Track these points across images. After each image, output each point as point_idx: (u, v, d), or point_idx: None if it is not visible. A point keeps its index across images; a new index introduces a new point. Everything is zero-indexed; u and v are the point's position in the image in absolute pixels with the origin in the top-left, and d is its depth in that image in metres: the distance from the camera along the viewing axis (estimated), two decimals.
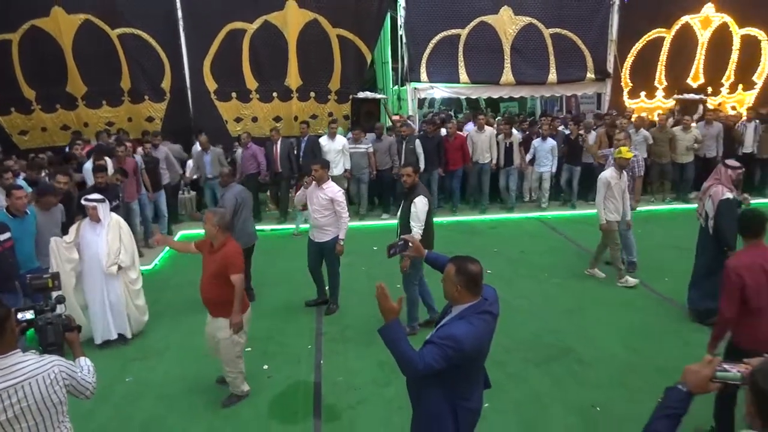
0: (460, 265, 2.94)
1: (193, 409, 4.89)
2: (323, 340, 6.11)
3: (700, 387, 2.13)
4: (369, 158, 10.90)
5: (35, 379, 2.60)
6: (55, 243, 5.95)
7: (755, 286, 3.82)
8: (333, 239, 6.54)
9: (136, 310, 6.35)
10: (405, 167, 6.09)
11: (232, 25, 12.77)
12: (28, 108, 12.53)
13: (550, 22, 13.77)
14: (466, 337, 2.79)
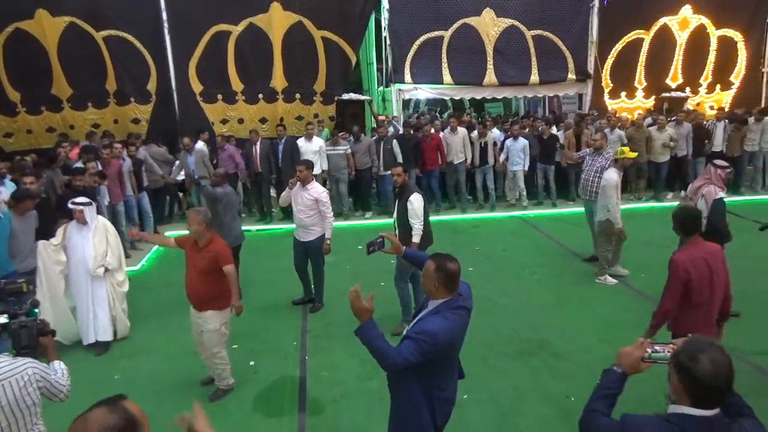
0: (440, 263, 3.07)
1: (181, 404, 4.96)
2: (308, 337, 6.25)
3: (632, 368, 2.31)
4: (348, 159, 11.06)
5: (8, 381, 2.65)
6: (42, 246, 5.98)
7: (699, 280, 4.00)
8: (318, 238, 6.68)
9: (122, 313, 6.38)
10: (395, 167, 6.25)
11: (217, 27, 12.88)
12: (13, 110, 12.52)
13: (532, 23, 14.02)
14: (441, 331, 2.93)
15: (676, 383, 2.03)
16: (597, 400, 2.31)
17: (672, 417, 2.04)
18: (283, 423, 4.70)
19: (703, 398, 1.99)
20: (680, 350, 2.06)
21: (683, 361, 2.01)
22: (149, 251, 9.35)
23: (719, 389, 1.98)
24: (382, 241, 4.00)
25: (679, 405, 2.03)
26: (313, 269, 6.95)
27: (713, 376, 1.95)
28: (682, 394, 2.01)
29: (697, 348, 2.01)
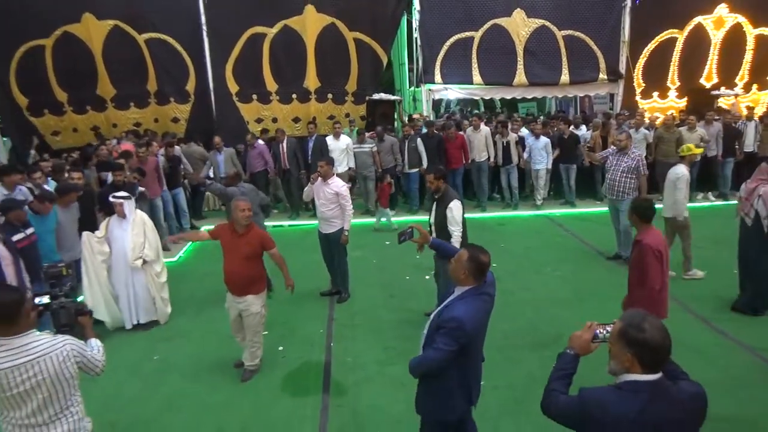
0: (473, 253, 3.28)
1: (214, 384, 5.36)
2: (334, 325, 6.55)
3: (583, 349, 2.53)
4: (374, 157, 11.33)
5: (49, 356, 2.84)
6: (87, 237, 6.38)
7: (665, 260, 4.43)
8: (339, 230, 6.96)
9: (162, 302, 6.73)
10: (427, 174, 6.31)
11: (253, 30, 13.29)
12: (60, 110, 13.21)
13: (563, 23, 14.05)
14: (467, 315, 3.15)
15: (628, 357, 2.23)
16: (555, 380, 2.51)
17: (623, 385, 2.25)
18: (308, 402, 5.00)
19: (654, 361, 2.21)
20: (624, 326, 2.26)
21: (633, 334, 2.22)
22: (187, 244, 9.79)
23: (666, 349, 2.22)
24: (411, 231, 4.27)
25: (628, 374, 2.24)
26: (337, 261, 7.23)
27: (661, 338, 2.19)
28: (634, 364, 2.22)
29: (639, 319, 2.24)
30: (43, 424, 2.89)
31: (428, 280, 7.65)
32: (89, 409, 3.05)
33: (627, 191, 7.88)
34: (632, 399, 2.20)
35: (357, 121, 13.55)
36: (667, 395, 2.22)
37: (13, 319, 2.79)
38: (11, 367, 2.76)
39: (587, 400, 2.28)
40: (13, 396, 2.80)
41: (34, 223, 6.04)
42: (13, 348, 2.79)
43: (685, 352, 5.59)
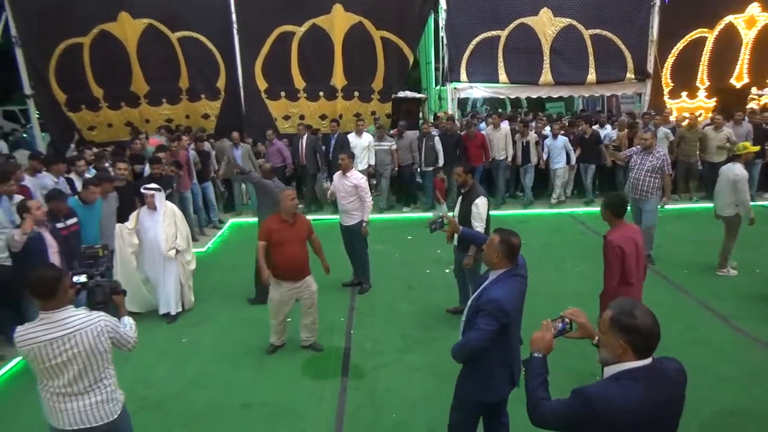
0: (504, 236, 3.43)
1: (238, 365, 5.61)
2: (355, 314, 6.76)
3: (548, 348, 2.57)
4: (392, 155, 11.48)
5: (84, 330, 3.02)
6: (119, 229, 6.62)
7: (630, 255, 4.56)
8: (358, 223, 7.15)
9: (189, 290, 6.96)
10: (456, 167, 6.35)
11: (282, 29, 13.57)
12: (96, 106, 13.68)
13: (590, 23, 14.00)
14: (504, 296, 3.31)
15: (621, 344, 2.24)
16: (536, 389, 2.49)
17: (620, 375, 2.25)
18: (327, 385, 5.22)
19: (647, 347, 2.24)
20: (616, 314, 2.28)
21: (626, 321, 2.24)
22: (214, 236, 10.11)
23: (657, 334, 2.25)
24: (442, 221, 4.41)
25: (620, 363, 2.26)
26: (357, 252, 7.42)
27: (652, 323, 2.24)
28: (627, 351, 2.24)
29: (629, 307, 2.28)
30: (78, 394, 3.07)
31: (448, 273, 7.79)
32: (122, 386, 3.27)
33: (651, 190, 7.84)
34: (634, 386, 2.22)
35: (382, 119, 13.72)
36: (662, 376, 2.28)
37: (53, 294, 2.98)
38: (51, 339, 2.95)
39: (592, 398, 2.25)
40: (52, 367, 2.99)
41: (80, 212, 6.28)
42: (53, 321, 2.98)
43: (703, 349, 5.70)
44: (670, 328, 6.05)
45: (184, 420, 4.76)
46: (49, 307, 3.00)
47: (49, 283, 2.98)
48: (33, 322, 3.04)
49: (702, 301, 6.81)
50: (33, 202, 5.52)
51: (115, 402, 3.23)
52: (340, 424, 4.62)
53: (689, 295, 7.00)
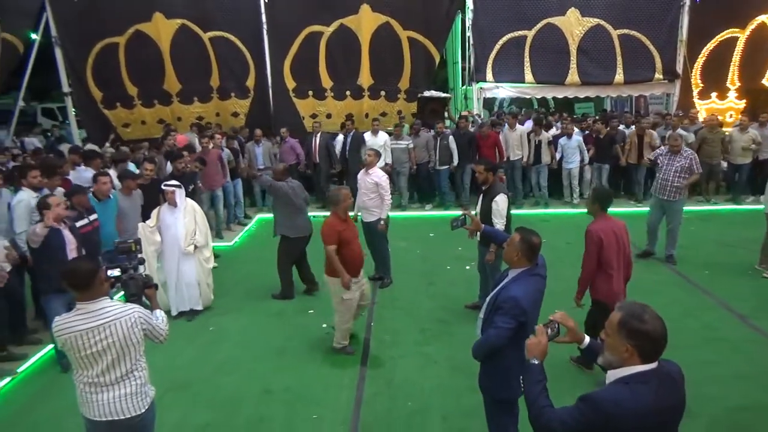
0: (524, 235, 3.48)
1: (262, 353, 5.85)
2: (375, 307, 6.93)
3: (544, 353, 2.56)
4: (409, 153, 11.62)
5: (119, 321, 3.12)
6: (141, 227, 6.62)
7: (609, 246, 4.94)
8: (378, 219, 7.32)
9: (207, 288, 6.94)
10: (477, 164, 6.46)
11: (310, 29, 13.78)
12: (130, 103, 14.09)
13: (619, 22, 13.90)
14: (523, 295, 3.35)
15: (628, 348, 2.23)
16: (538, 397, 2.45)
17: (628, 378, 2.23)
18: (346, 373, 5.42)
19: (655, 351, 2.23)
20: (625, 317, 2.26)
21: (635, 326, 2.22)
22: (242, 231, 10.39)
23: (665, 339, 2.24)
24: (464, 219, 4.52)
25: (627, 367, 2.25)
26: (377, 248, 7.59)
27: (662, 328, 2.23)
28: (633, 356, 2.23)
29: (638, 311, 2.26)
30: (110, 384, 3.18)
31: (468, 270, 7.93)
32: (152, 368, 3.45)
33: (680, 191, 7.90)
34: (644, 389, 2.20)
35: (408, 118, 13.87)
36: (669, 379, 2.27)
37: (87, 286, 3.09)
38: (86, 329, 3.07)
39: (602, 404, 2.22)
40: (87, 356, 3.10)
41: (97, 209, 6.40)
42: (89, 312, 3.10)
43: (720, 347, 5.73)
44: (688, 326, 6.16)
45: (209, 402, 5.01)
46: (85, 298, 3.12)
47: (83, 275, 3.09)
48: (71, 312, 3.16)
49: (722, 300, 6.82)
50: (54, 198, 5.56)
51: (144, 396, 3.32)
52: (358, 411, 4.81)
53: (709, 295, 7.01)
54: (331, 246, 5.42)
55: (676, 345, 5.53)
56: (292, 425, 4.65)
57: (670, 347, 5.66)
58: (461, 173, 11.69)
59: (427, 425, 4.56)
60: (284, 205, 7.03)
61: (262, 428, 4.64)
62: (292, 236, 7.01)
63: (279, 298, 7.18)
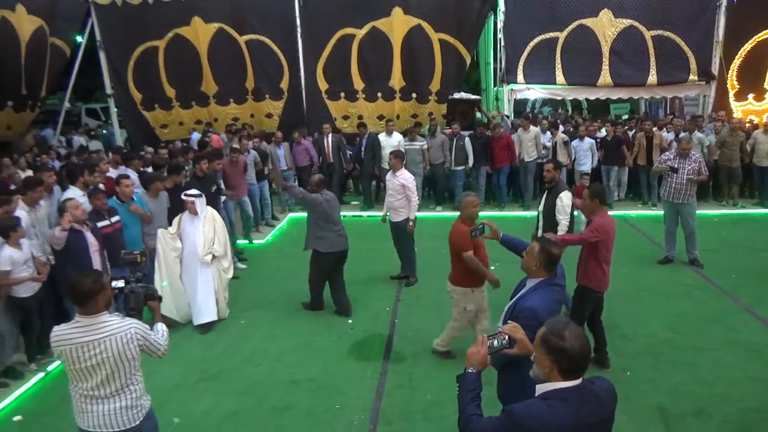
0: (544, 245, 3.44)
1: (289, 346, 6.11)
2: (400, 305, 7.14)
3: (482, 363, 2.56)
4: (423, 154, 11.75)
5: (115, 336, 3.08)
6: (161, 233, 6.60)
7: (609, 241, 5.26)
8: (404, 220, 7.54)
9: (224, 300, 6.79)
10: (547, 163, 6.58)
11: (343, 31, 14.06)
12: (169, 105, 14.64)
13: (652, 23, 13.77)
14: (540, 305, 3.30)
15: (548, 363, 2.27)
16: (469, 404, 2.48)
17: (548, 395, 2.27)
18: (370, 366, 5.65)
19: (573, 369, 2.25)
20: (546, 333, 2.29)
21: (554, 342, 2.25)
22: (274, 228, 10.72)
23: (585, 357, 2.26)
24: (483, 227, 4.62)
25: (550, 383, 2.28)
26: (402, 247, 7.78)
27: (580, 346, 2.24)
28: (554, 372, 2.27)
29: (560, 327, 2.29)
30: (105, 397, 3.16)
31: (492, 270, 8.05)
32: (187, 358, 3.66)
33: (692, 194, 7.97)
34: (563, 406, 2.22)
35: (438, 119, 14.01)
36: (592, 396, 2.28)
37: (87, 301, 3.07)
38: (82, 342, 3.05)
39: (520, 418, 2.26)
40: (81, 369, 3.09)
41: (121, 211, 6.46)
42: (87, 325, 3.08)
43: (739, 350, 5.76)
44: (711, 328, 6.20)
45: (238, 390, 5.29)
46: (85, 312, 3.10)
47: (84, 291, 3.06)
48: (69, 323, 3.16)
49: (746, 305, 6.81)
50: (72, 202, 5.66)
51: (139, 408, 3.30)
52: (379, 401, 5.02)
53: (734, 299, 7.00)
54: (468, 253, 5.34)
55: (697, 347, 5.73)
56: (315, 413, 4.89)
57: (691, 348, 5.85)
58: (476, 174, 11.82)
59: (444, 416, 4.72)
60: (317, 218, 6.64)
61: (287, 415, 4.89)
62: (322, 251, 6.64)
63: (308, 308, 6.99)
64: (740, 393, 4.94)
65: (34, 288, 5.64)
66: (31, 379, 5.62)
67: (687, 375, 5.29)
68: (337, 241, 6.71)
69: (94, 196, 6.26)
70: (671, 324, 6.34)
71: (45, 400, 5.24)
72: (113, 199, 6.60)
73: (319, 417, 4.84)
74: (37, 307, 5.74)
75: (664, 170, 8.07)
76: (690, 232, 8.09)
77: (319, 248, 6.63)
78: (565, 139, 11.68)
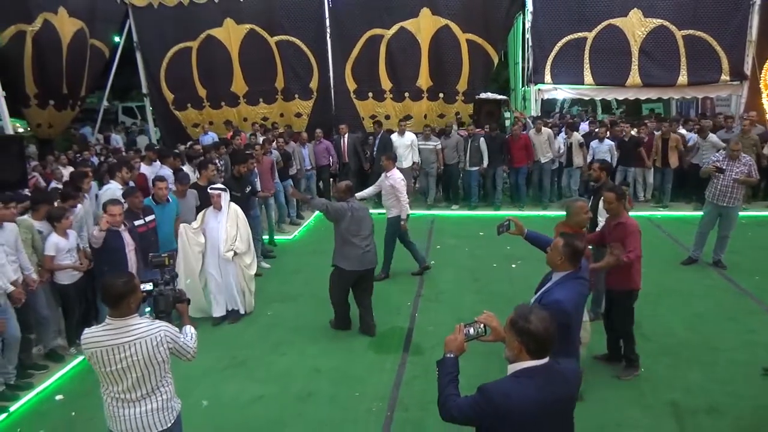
0: (568, 240, 3.63)
1: (314, 337, 6.34)
2: (420, 300, 7.32)
3: (460, 349, 2.77)
4: (437, 154, 11.90)
5: (144, 339, 3.10)
6: (184, 228, 6.67)
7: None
8: (394, 217, 7.81)
9: (249, 294, 6.90)
10: (594, 163, 6.69)
11: (371, 32, 14.28)
12: (200, 105, 15.07)
13: (683, 23, 13.63)
14: (567, 298, 3.50)
15: (517, 345, 2.53)
16: (447, 386, 2.70)
17: (518, 373, 2.52)
18: (389, 358, 5.85)
19: (539, 349, 2.50)
20: (514, 318, 2.56)
21: (521, 324, 2.51)
22: (302, 225, 10.99)
23: (550, 339, 2.51)
24: (508, 224, 4.73)
25: (520, 362, 2.53)
26: (387, 243, 7.93)
27: (544, 329, 2.49)
28: (522, 352, 2.52)
29: (526, 312, 2.55)
30: (135, 400, 3.18)
31: (514, 268, 8.22)
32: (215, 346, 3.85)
33: (739, 197, 7.86)
34: (530, 384, 2.46)
35: (465, 119, 14.13)
36: (557, 375, 2.53)
37: (118, 304, 3.10)
38: (112, 345, 3.07)
39: (492, 394, 2.48)
40: (112, 372, 3.10)
41: (155, 211, 6.63)
42: (117, 328, 3.10)
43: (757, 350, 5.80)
44: (730, 329, 6.24)
45: (263, 377, 5.55)
46: (116, 314, 3.13)
47: (117, 292, 3.09)
48: (99, 326, 3.19)
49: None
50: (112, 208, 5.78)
51: (170, 411, 3.32)
52: (397, 390, 5.22)
53: (757, 301, 6.98)
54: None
55: (714, 347, 5.80)
56: (336, 400, 5.12)
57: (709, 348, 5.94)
58: (492, 174, 11.91)
59: None
60: (343, 230, 6.11)
61: (309, 401, 5.13)
62: (346, 268, 6.15)
63: (334, 327, 6.49)
64: (755, 391, 4.98)
65: (75, 276, 6.01)
66: (70, 362, 5.96)
67: (702, 373, 5.35)
68: (363, 258, 6.16)
69: (130, 195, 6.42)
70: (690, 324, 6.38)
71: (83, 383, 5.53)
72: (148, 199, 6.79)
73: (340, 403, 5.06)
74: (77, 295, 6.10)
75: (711, 171, 7.99)
76: (725, 235, 8.03)
77: (341, 265, 6.16)
78: (581, 141, 11.67)
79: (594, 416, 4.67)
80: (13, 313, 5.32)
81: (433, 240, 9.89)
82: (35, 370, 5.71)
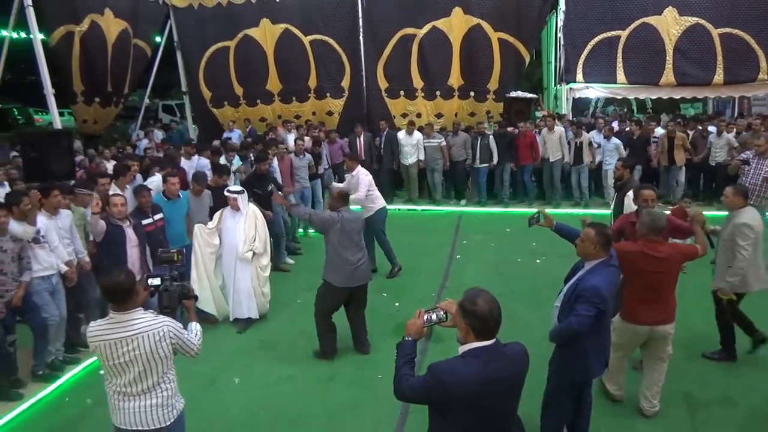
0: (599, 229, 3.82)
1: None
2: (444, 292, 7.54)
3: (418, 333, 2.90)
4: (442, 151, 12.10)
5: (147, 334, 3.12)
6: (198, 229, 6.65)
7: None
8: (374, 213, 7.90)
9: (263, 297, 6.79)
10: (617, 161, 6.78)
11: (404, 31, 14.45)
12: (236, 102, 15.52)
13: (720, 21, 13.42)
14: (602, 284, 3.66)
15: (465, 326, 2.67)
16: (402, 366, 2.83)
17: (465, 353, 2.67)
18: None
19: (485, 330, 2.64)
20: (462, 300, 2.70)
21: (467, 306, 2.65)
22: None
23: (495, 320, 2.64)
24: (539, 216, 4.86)
25: (468, 343, 2.68)
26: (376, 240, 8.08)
27: (489, 310, 2.62)
28: (469, 333, 2.66)
29: (474, 295, 2.68)
30: (137, 395, 3.22)
31: (538, 263, 8.34)
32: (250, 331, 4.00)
33: (765, 196, 7.70)
34: (474, 363, 2.60)
35: (496, 117, 14.21)
36: (501, 355, 2.67)
37: (123, 300, 3.15)
38: (116, 339, 3.11)
39: (438, 371, 2.62)
40: (115, 365, 3.15)
41: (165, 208, 6.60)
42: (120, 322, 3.15)
43: None
44: None
45: (291, 359, 5.89)
46: (119, 309, 3.17)
47: (121, 291, 3.13)
48: (104, 319, 3.24)
49: None
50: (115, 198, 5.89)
51: (171, 408, 3.32)
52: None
53: None
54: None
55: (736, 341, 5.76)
56: (358, 381, 5.41)
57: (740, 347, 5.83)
58: (501, 171, 12.03)
59: None
60: (334, 242, 5.73)
61: (333, 382, 5.44)
62: (334, 284, 5.74)
63: (318, 357, 5.88)
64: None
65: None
66: None
67: (718, 366, 5.43)
68: (354, 273, 5.72)
69: (139, 193, 6.38)
70: (711, 320, 6.39)
71: None
72: (159, 196, 6.81)
73: (362, 385, 5.34)
74: None
75: (738, 165, 7.96)
76: None
77: (330, 279, 5.76)
78: (590, 140, 11.69)
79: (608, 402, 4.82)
80: (63, 293, 5.71)
81: (460, 235, 10.06)
82: (83, 347, 6.03)
